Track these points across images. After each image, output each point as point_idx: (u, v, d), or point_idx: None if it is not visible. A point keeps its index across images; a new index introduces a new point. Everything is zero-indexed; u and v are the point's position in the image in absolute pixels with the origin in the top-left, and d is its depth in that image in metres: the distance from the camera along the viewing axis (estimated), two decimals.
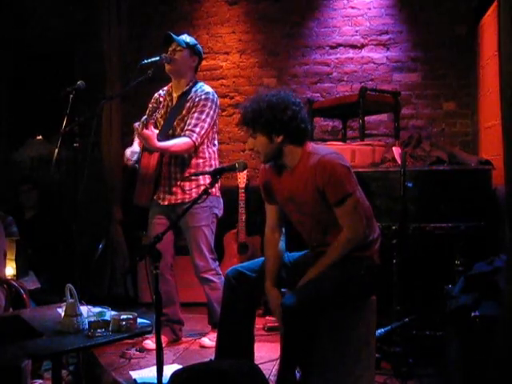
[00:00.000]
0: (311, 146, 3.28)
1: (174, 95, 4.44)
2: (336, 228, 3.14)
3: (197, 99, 4.30)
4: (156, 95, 4.57)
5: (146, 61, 4.15)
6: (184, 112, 4.32)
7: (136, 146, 4.39)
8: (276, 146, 3.18)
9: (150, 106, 4.49)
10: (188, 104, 4.33)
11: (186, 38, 4.39)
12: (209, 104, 4.30)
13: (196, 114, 4.26)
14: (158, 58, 4.21)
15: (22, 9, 6.70)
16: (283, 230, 3.44)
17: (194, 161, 4.34)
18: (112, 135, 6.27)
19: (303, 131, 3.19)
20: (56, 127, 3.92)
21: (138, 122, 4.11)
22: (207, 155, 4.37)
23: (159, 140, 4.11)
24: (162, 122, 4.42)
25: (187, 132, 4.23)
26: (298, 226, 3.37)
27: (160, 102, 4.50)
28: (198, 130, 4.23)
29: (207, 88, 4.39)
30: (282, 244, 3.40)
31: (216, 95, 4.40)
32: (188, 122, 4.27)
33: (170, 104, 4.45)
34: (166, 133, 4.30)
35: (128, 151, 4.34)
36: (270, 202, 3.42)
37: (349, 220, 3.11)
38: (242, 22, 6.52)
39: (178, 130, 4.33)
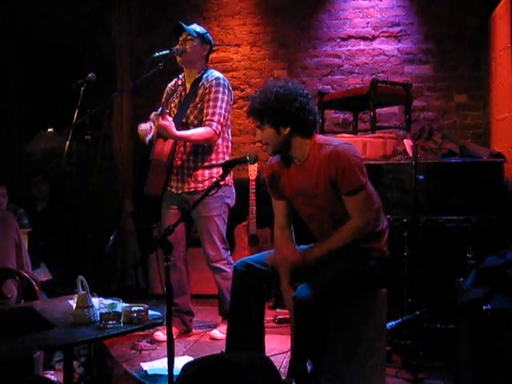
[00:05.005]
0: (320, 137, 3.28)
1: (187, 84, 4.44)
2: (347, 220, 3.14)
3: (208, 85, 4.29)
4: (169, 85, 4.55)
5: (157, 54, 4.15)
6: (197, 99, 4.32)
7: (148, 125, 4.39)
8: (283, 138, 3.17)
9: (168, 89, 4.45)
10: (200, 91, 4.32)
11: (196, 27, 4.38)
12: (221, 89, 4.29)
13: (211, 103, 4.25)
14: (169, 51, 4.20)
15: (32, 1, 6.71)
16: (292, 226, 3.44)
17: (206, 149, 4.33)
18: (123, 128, 6.29)
19: (311, 123, 3.18)
20: (67, 120, 3.93)
21: (154, 113, 4.14)
22: (220, 141, 4.36)
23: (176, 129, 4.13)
24: (175, 111, 4.41)
25: (207, 122, 4.23)
26: (308, 220, 3.36)
27: (174, 91, 4.46)
28: (216, 117, 4.23)
29: (217, 73, 4.39)
30: (293, 240, 3.40)
31: (227, 80, 4.39)
32: (205, 112, 4.26)
33: (183, 93, 4.45)
34: (179, 121, 4.29)
35: (142, 125, 4.35)
36: (278, 198, 3.40)
37: (360, 210, 3.10)
38: (253, 13, 6.51)
39: (192, 117, 4.32)
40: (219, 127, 4.24)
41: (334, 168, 3.08)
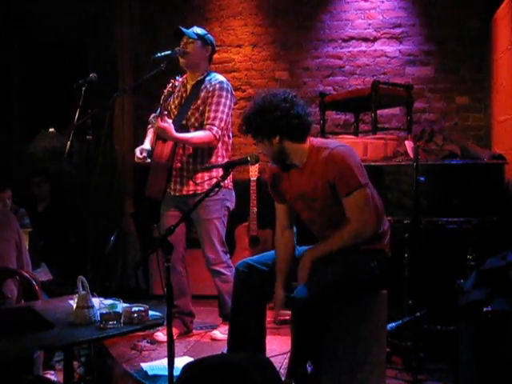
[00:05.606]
0: (317, 140, 3.28)
1: (189, 86, 4.43)
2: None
3: (211, 89, 4.29)
4: (167, 86, 4.52)
5: (159, 54, 4.15)
6: (199, 102, 4.32)
7: (147, 144, 4.38)
8: (277, 147, 3.19)
9: (165, 91, 4.44)
10: (202, 94, 4.32)
11: (196, 29, 4.38)
12: (224, 94, 4.29)
13: (213, 107, 4.25)
14: (170, 52, 4.20)
15: (32, 1, 6.71)
16: (294, 227, 3.44)
17: (206, 151, 4.33)
18: (124, 128, 6.30)
19: (298, 127, 3.16)
20: (68, 120, 3.94)
21: (153, 115, 4.13)
22: (220, 145, 4.36)
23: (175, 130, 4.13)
24: (175, 112, 4.41)
25: (207, 126, 4.23)
26: (309, 224, 3.36)
27: (173, 92, 4.44)
28: (217, 122, 4.23)
29: (220, 77, 4.39)
30: (293, 241, 3.41)
31: (230, 84, 4.39)
32: (206, 115, 4.27)
33: (184, 95, 4.44)
34: (179, 122, 4.29)
35: (137, 149, 4.33)
36: (279, 201, 3.42)
37: (359, 213, 3.08)
38: (255, 14, 6.51)
39: (193, 119, 4.32)
40: (219, 132, 4.24)
41: (331, 171, 3.09)
